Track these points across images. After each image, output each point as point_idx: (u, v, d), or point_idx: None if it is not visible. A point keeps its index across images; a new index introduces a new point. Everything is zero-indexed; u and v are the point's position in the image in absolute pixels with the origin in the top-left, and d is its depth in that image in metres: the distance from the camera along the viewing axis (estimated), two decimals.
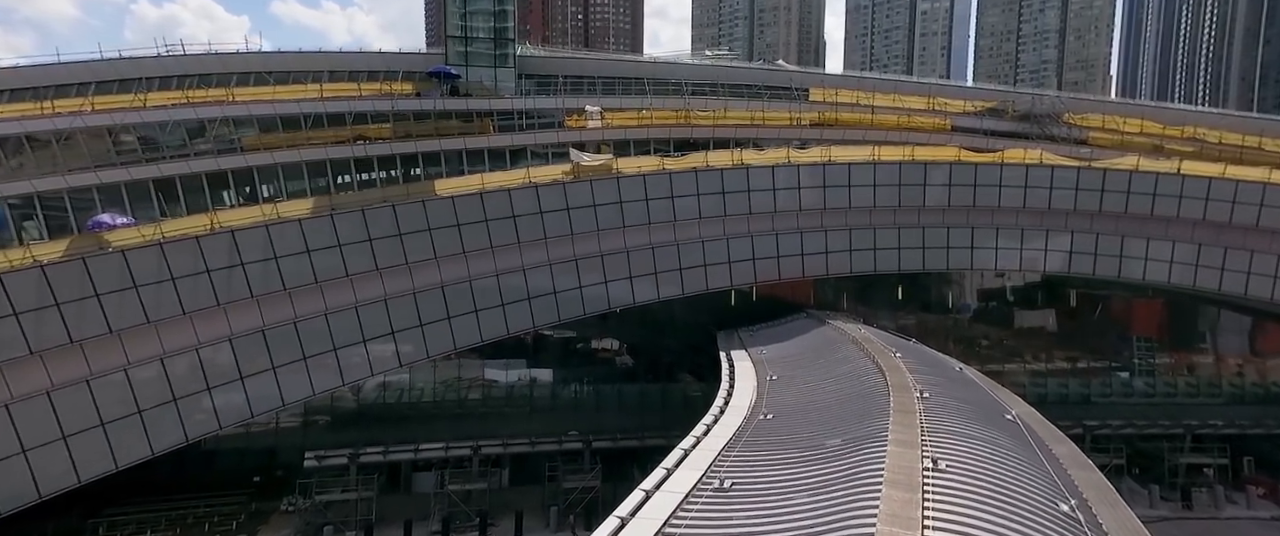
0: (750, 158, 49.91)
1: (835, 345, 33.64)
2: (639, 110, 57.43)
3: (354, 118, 51.44)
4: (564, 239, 45.93)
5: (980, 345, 58.89)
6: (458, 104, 55.16)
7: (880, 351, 28.80)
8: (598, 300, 47.15)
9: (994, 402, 24.43)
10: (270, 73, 53.02)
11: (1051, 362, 56.40)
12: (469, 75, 57.28)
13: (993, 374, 55.99)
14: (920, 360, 28.91)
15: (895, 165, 50.13)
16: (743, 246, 49.07)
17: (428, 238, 42.23)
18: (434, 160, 53.23)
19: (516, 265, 45.06)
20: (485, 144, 54.03)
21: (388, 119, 52.71)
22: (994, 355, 58.14)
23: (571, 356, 53.21)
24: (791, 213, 49.32)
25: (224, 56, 54.60)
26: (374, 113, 52.38)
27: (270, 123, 49.71)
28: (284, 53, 57.93)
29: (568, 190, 45.94)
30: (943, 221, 50.67)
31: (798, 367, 31.18)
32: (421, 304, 42.42)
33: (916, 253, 50.55)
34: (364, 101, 51.92)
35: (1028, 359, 57.24)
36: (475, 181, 44.81)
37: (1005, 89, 65.61)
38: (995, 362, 57.37)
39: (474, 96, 56.48)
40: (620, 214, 46.99)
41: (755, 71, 65.05)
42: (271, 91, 49.51)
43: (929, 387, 23.35)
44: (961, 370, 29.69)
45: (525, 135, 55.07)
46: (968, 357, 57.15)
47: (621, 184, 47.04)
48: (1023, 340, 58.34)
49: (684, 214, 48.03)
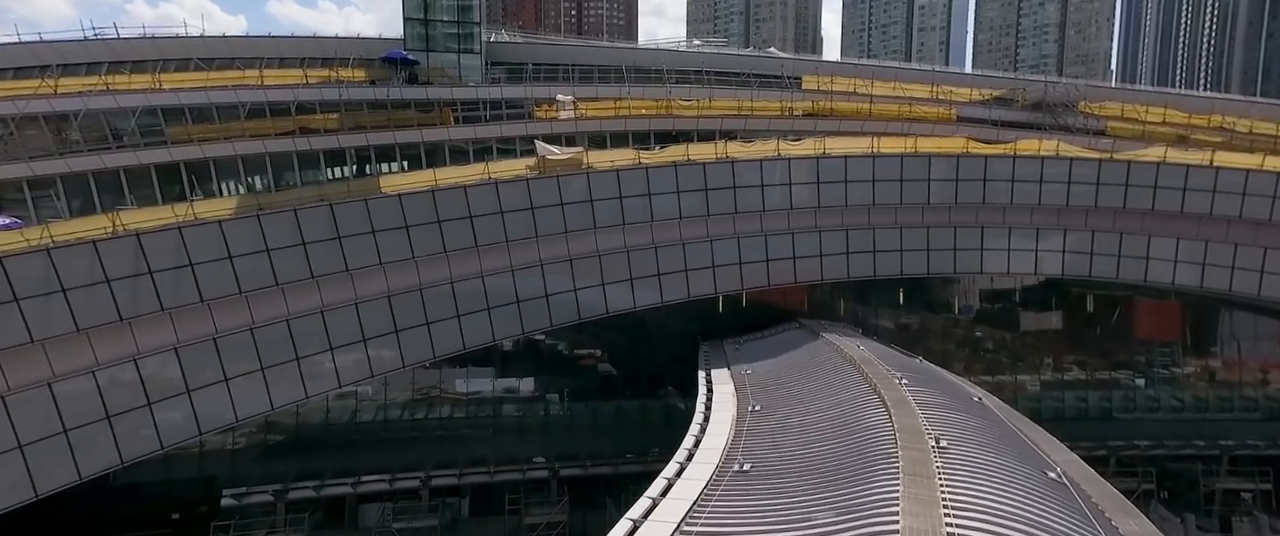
0: (736, 151, 45.12)
1: (830, 367, 28.88)
2: (616, 100, 52.59)
3: (299, 107, 46.51)
4: (528, 242, 41.13)
5: (987, 352, 54.11)
6: (416, 93, 50.24)
7: (883, 379, 24.05)
8: (567, 309, 42.33)
9: (1030, 451, 19.70)
10: (213, 59, 48.16)
11: (1067, 373, 51.58)
12: (429, 61, 52.38)
13: (1003, 386, 51.76)
14: (930, 387, 24.17)
15: (896, 158, 45.39)
16: (728, 249, 44.28)
17: (371, 242, 37.38)
18: (388, 154, 48.37)
19: (474, 271, 40.23)
20: (445, 137, 49.12)
21: (337, 109, 47.81)
22: (1003, 364, 53.36)
23: (540, 370, 48.34)
24: (782, 212, 44.56)
25: (159, 41, 49.80)
26: (322, 102, 47.44)
27: (204, 113, 44.77)
28: (228, 37, 53.25)
29: (532, 188, 41.12)
30: (949, 220, 45.90)
31: (785, 396, 26.43)
32: (365, 316, 37.54)
33: (920, 255, 45.78)
34: (310, 89, 47.00)
35: (1041, 368, 52.42)
36: (426, 178, 39.93)
37: (1015, 76, 60.74)
38: (1005, 372, 52.67)
39: (435, 84, 51.59)
40: (591, 214, 42.20)
41: (744, 58, 60.26)
42: (204, 77, 44.61)
43: (946, 431, 18.60)
44: (980, 400, 24.94)
45: (490, 127, 50.18)
46: (974, 367, 52.87)
47: (592, 180, 42.24)
48: (1034, 347, 53.52)
49: (662, 213, 43.25)
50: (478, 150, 50.26)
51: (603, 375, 50.48)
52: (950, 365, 52.34)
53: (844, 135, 48.95)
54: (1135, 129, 51.49)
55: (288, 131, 45.41)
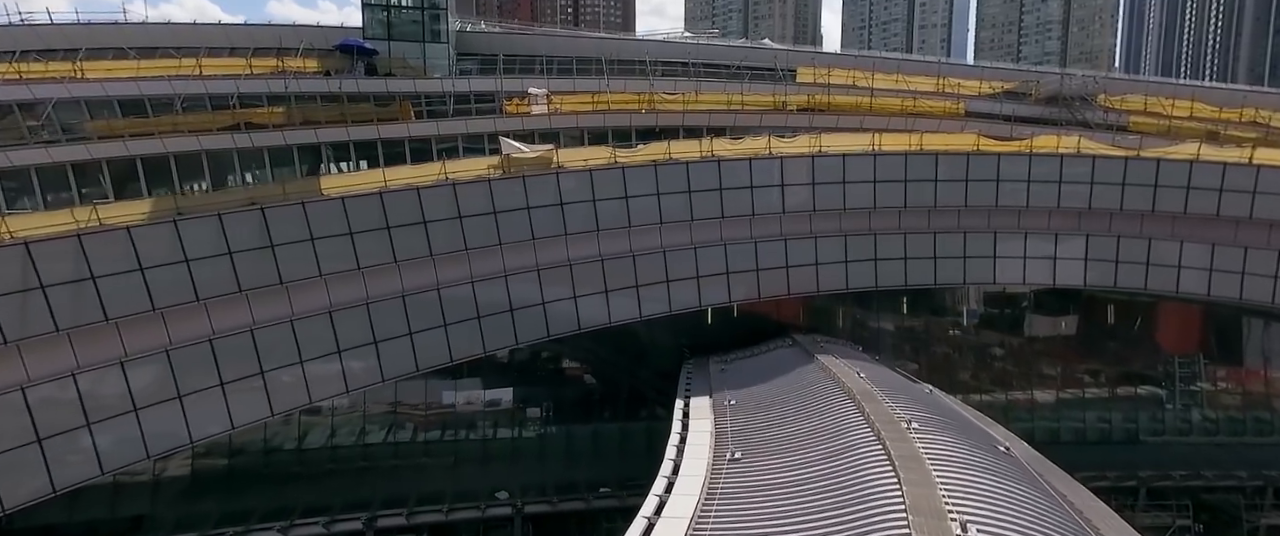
0: (723, 149, 40.83)
1: (826, 401, 24.61)
2: (594, 94, 48.35)
3: (242, 100, 42.31)
4: (490, 251, 36.85)
5: (998, 364, 49.61)
6: (375, 85, 46.06)
7: (888, 423, 19.78)
8: (534, 325, 38.05)
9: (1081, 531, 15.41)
10: (155, 48, 43.88)
11: (1087, 389, 47.19)
12: (391, 51, 48.21)
13: (1017, 404, 47.47)
14: (946, 435, 19.91)
15: (900, 156, 41.13)
16: (714, 258, 40.01)
17: (310, 250, 33.07)
18: (342, 152, 44.12)
19: (429, 283, 35.94)
20: (405, 133, 44.93)
21: (288, 102, 43.58)
22: (1016, 378, 48.83)
23: (506, 389, 44.00)
24: (773, 216, 40.29)
25: (94, 28, 45.51)
26: (269, 94, 43.23)
27: (135, 105, 40.55)
28: (173, 25, 49.11)
29: (495, 189, 36.85)
30: (958, 225, 41.62)
31: (771, 441, 22.17)
32: (303, 334, 33.23)
33: (926, 264, 41.51)
34: (255, 81, 42.81)
35: (1058, 383, 47.95)
36: (375, 178, 35.64)
37: (1026, 68, 56.48)
38: (1018, 387, 48.22)
39: (397, 76, 47.39)
40: (561, 218, 37.93)
41: (734, 49, 56.05)
42: (134, 66, 40.36)
43: (972, 507, 14.35)
44: (1009, 449, 20.64)
45: (455, 123, 45.98)
46: (984, 380, 48.53)
47: (562, 182, 37.98)
48: (1050, 359, 49.06)
49: (641, 218, 38.99)
50: (442, 148, 46.07)
51: (577, 393, 46.16)
52: (958, 378, 48.31)
53: (842, 132, 44.82)
54: (1160, 124, 47.26)
55: (229, 126, 41.17)
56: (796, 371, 31.33)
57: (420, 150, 45.33)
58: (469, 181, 36.71)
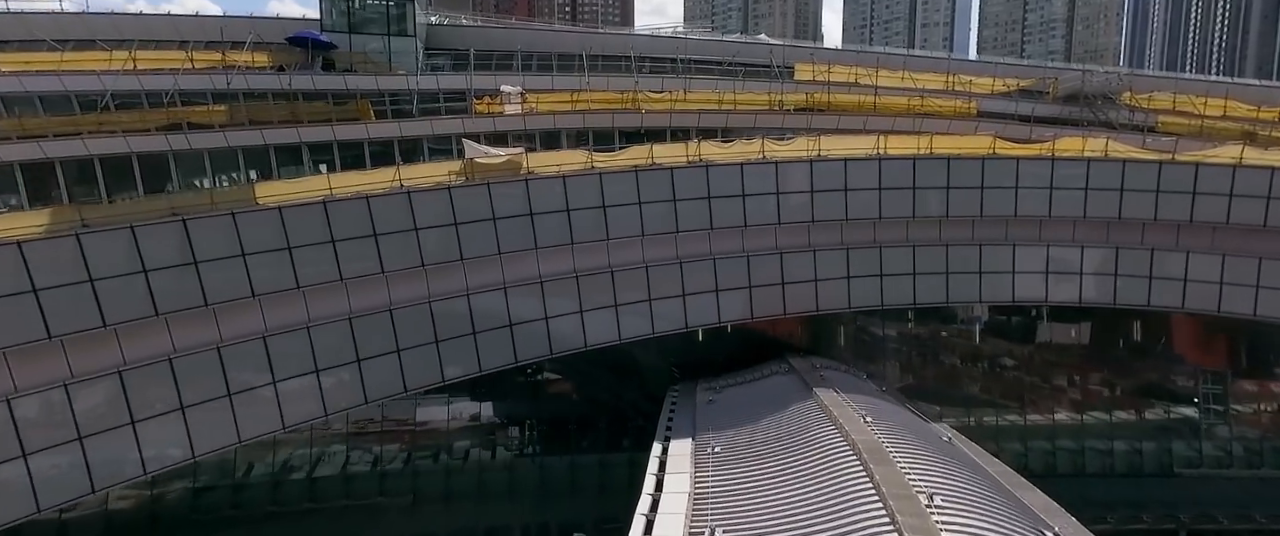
0: (712, 153, 36.88)
1: (827, 460, 20.61)
2: (573, 92, 44.35)
3: (183, 97, 38.32)
4: (451, 267, 32.91)
5: (1012, 381, 45.39)
6: (331, 82, 42.11)
7: (903, 500, 15.79)
8: (499, 350, 34.07)
9: None
10: (94, 40, 39.91)
11: (1113, 411, 43.08)
12: (352, 44, 44.24)
13: (1037, 429, 43.37)
14: (976, 518, 15.92)
15: (907, 161, 37.16)
16: (701, 274, 36.05)
17: (241, 267, 29.09)
18: (293, 155, 40.09)
19: (380, 303, 31.96)
20: (364, 134, 40.88)
21: (237, 99, 39.61)
22: (1034, 397, 44.61)
23: (474, 417, 40.09)
24: (767, 227, 36.34)
25: (27, 17, 41.55)
26: (214, 92, 39.25)
27: (60, 102, 36.59)
28: (115, 15, 44.94)
29: (455, 198, 32.88)
30: (972, 236, 37.63)
31: (759, 510, 18.15)
32: (231, 362, 29.21)
33: (937, 280, 37.51)
34: (197, 76, 38.82)
35: (1079, 403, 43.83)
36: (319, 185, 31.69)
37: (1042, 64, 52.35)
38: (1038, 409, 44.09)
39: (358, 72, 43.42)
40: (531, 230, 33.97)
41: (727, 44, 52.04)
42: (57, 59, 36.35)
43: None
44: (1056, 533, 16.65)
45: (419, 123, 41.98)
46: (999, 398, 44.46)
47: (532, 189, 34.02)
48: (1070, 375, 44.92)
49: (621, 229, 35.04)
50: (406, 150, 42.08)
51: (553, 421, 42.16)
52: (970, 398, 44.32)
53: (843, 134, 40.78)
54: (1191, 124, 43.25)
55: (167, 126, 37.18)
56: (793, 411, 27.28)
57: (381, 153, 41.32)
58: (426, 189, 32.74)
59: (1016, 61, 57.45)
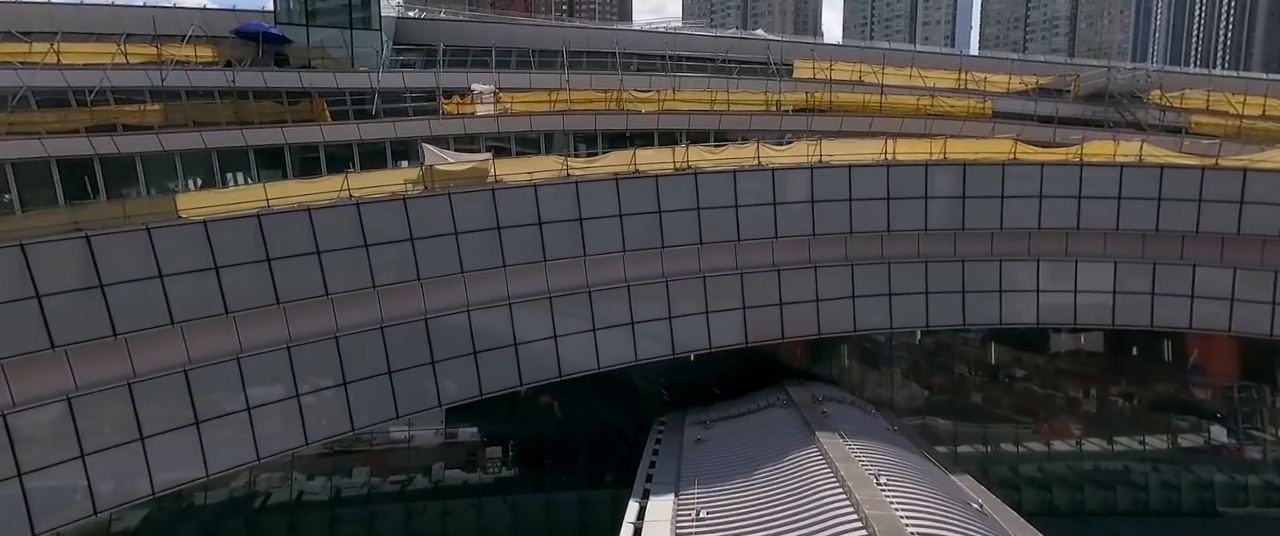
0: (702, 158, 33.14)
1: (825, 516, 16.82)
2: (551, 91, 40.56)
3: (116, 95, 34.55)
4: (407, 288, 29.21)
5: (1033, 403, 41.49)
6: (285, 79, 38.33)
7: None
8: (463, 382, 30.41)
9: None
10: (30, 32, 36.05)
11: (1147, 439, 39.29)
12: (310, 38, 40.45)
13: (1062, 457, 39.57)
14: None
15: (918, 168, 33.46)
16: (690, 294, 32.35)
17: (159, 290, 25.31)
18: (238, 160, 36.31)
19: (325, 329, 28.24)
20: (318, 137, 37.09)
21: (180, 96, 35.85)
22: (1061, 423, 40.65)
23: (440, 447, 36.38)
24: (763, 242, 32.63)
25: None
26: (153, 89, 35.45)
27: None
28: (51, 3, 40.92)
29: (412, 210, 29.15)
30: (992, 251, 33.90)
31: None
32: (143, 400, 25.44)
33: (952, 299, 33.76)
34: (132, 72, 34.99)
35: (1110, 428, 39.95)
36: (254, 195, 27.93)
37: (1062, 61, 48.62)
38: (1061, 434, 40.21)
39: (316, 68, 39.66)
40: (498, 246, 30.27)
41: (720, 40, 48.18)
42: None
43: None
44: None
45: (380, 125, 38.18)
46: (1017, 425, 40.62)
47: (500, 200, 30.29)
48: (1101, 400, 41.14)
49: (599, 244, 31.34)
50: (367, 155, 38.30)
51: (527, 450, 38.40)
52: (986, 422, 40.48)
53: (847, 137, 37.13)
54: (1227, 125, 39.47)
55: (95, 126, 33.39)
56: (792, 462, 23.48)
57: (339, 157, 37.58)
58: (377, 201, 29.00)
59: (1033, 57, 53.57)
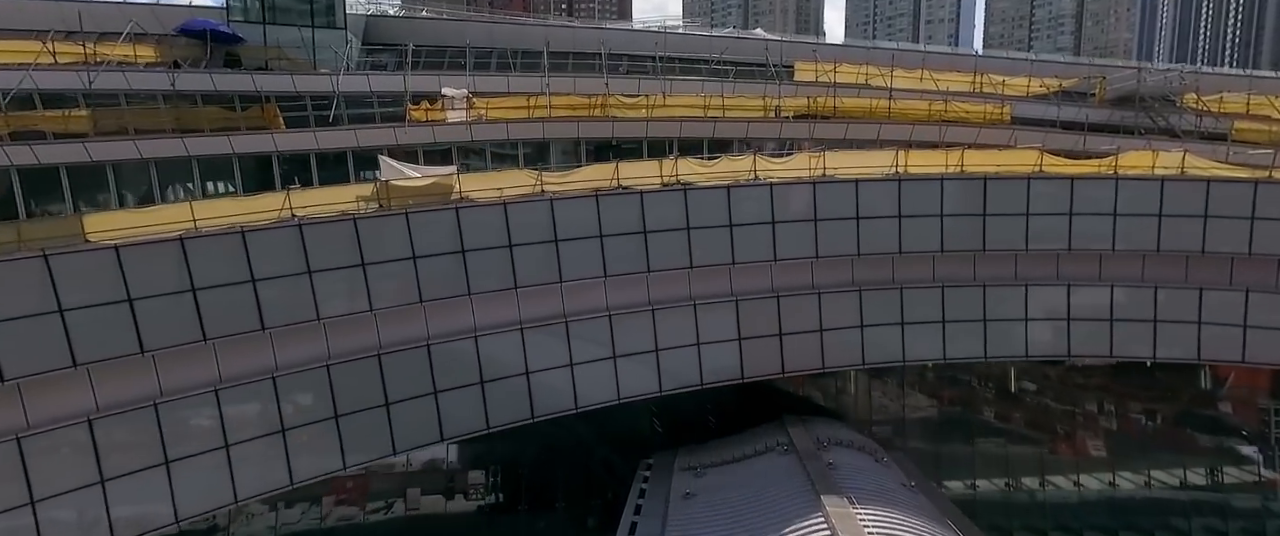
0: (693, 172, 29.67)
1: None
2: (531, 96, 37.16)
3: (44, 98, 31.18)
4: (358, 320, 25.76)
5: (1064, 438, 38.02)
6: (237, 82, 34.95)
7: None
8: (420, 428, 26.93)
9: None
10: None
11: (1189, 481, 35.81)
12: (268, 37, 37.03)
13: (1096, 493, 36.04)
14: None
15: (934, 182, 30.00)
16: (679, 323, 28.91)
17: (57, 327, 21.86)
18: (179, 172, 32.91)
19: (261, 367, 24.78)
20: (271, 146, 33.67)
21: (115, 101, 32.49)
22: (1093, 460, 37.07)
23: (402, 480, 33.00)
24: (761, 265, 29.21)
25: None
26: (88, 93, 32.06)
27: None
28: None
29: (363, 232, 25.69)
30: (1016, 275, 30.43)
31: None
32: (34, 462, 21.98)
33: (972, 329, 30.28)
34: (60, 72, 31.55)
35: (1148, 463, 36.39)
36: (179, 215, 24.44)
37: (1086, 60, 45.11)
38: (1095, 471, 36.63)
39: (273, 70, 36.26)
40: (462, 272, 26.83)
41: (715, 40, 44.78)
42: None
43: None
44: None
45: (340, 133, 34.84)
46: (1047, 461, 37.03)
47: (464, 220, 26.85)
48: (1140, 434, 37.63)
49: (577, 269, 27.92)
50: (327, 165, 34.93)
51: (504, 484, 35.01)
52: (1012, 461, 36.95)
53: (852, 149, 33.74)
54: (1271, 132, 35.95)
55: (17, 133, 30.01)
56: (795, 529, 20.04)
57: (296, 168, 34.21)
58: (322, 221, 25.52)
59: (1053, 57, 49.94)
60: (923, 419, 35.44)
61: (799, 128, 37.53)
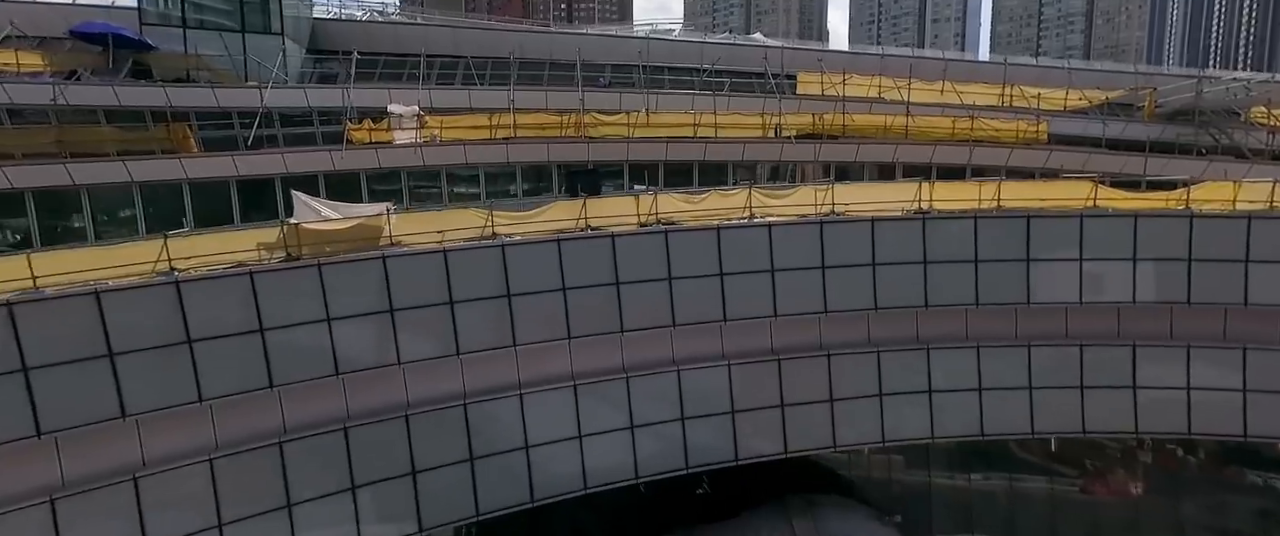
0: (676, 210, 24.49)
1: None
2: (492, 114, 31.99)
3: None
4: (254, 401, 20.64)
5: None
6: (144, 96, 29.78)
7: None
8: (333, 524, 21.68)
9: None
10: None
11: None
12: (190, 43, 31.95)
13: None
14: None
15: (965, 220, 24.76)
16: (659, 393, 23.80)
17: None
18: (67, 203, 27.72)
19: (125, 464, 19.63)
20: (178, 173, 28.49)
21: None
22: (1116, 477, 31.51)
23: None
24: (759, 323, 24.08)
25: None
26: None
27: None
28: None
29: (260, 289, 20.55)
30: (1066, 332, 25.19)
31: None
32: None
33: (1016, 398, 25.03)
34: None
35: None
36: (14, 269, 19.27)
37: (1131, 69, 39.73)
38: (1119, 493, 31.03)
39: (195, 82, 31.18)
40: (391, 338, 21.70)
41: (709, 47, 39.49)
42: None
43: None
44: None
45: (265, 158, 29.62)
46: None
47: (393, 272, 21.71)
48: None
49: (535, 330, 22.85)
50: (248, 194, 29.75)
51: None
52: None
53: (864, 170, 28.49)
54: None
55: None
56: None
57: (213, 202, 29.04)
58: (205, 278, 20.37)
59: (1092, 66, 44.19)
60: (958, 503, 29.92)
61: (803, 149, 32.36)
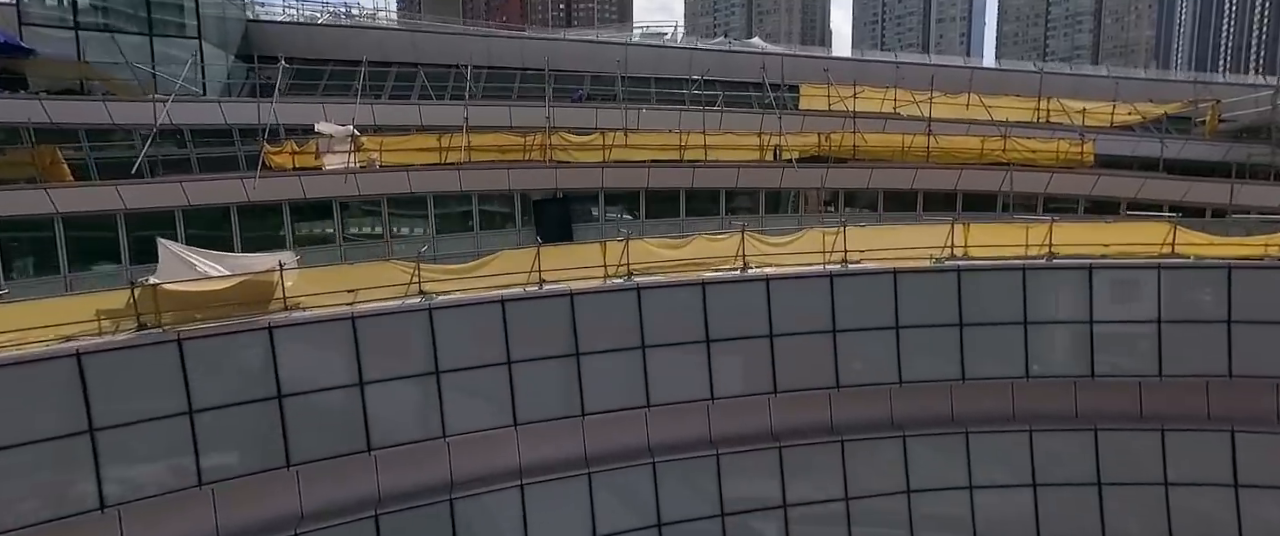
0: (651, 259, 19.57)
1: None
2: (442, 135, 27.07)
3: None
4: (93, 524, 15.71)
5: None
6: (19, 109, 24.82)
7: None
8: None
9: None
10: None
11: None
12: (86, 49, 27.11)
13: None
14: None
15: (1012, 272, 19.82)
16: (631, 490, 18.97)
17: None
18: None
19: None
20: (48, 206, 23.53)
21: None
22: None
23: None
24: (755, 400, 19.13)
25: None
26: None
27: None
28: None
29: (92, 375, 15.74)
30: (1141, 412, 20.25)
31: None
32: None
33: (1084, 496, 20.10)
34: None
35: None
36: None
37: (1188, 78, 34.73)
38: None
39: (82, 96, 26.32)
40: (279, 433, 16.87)
41: (701, 54, 34.40)
42: None
43: None
44: None
45: (161, 188, 24.66)
46: None
47: (283, 350, 16.82)
48: None
49: (469, 418, 18.04)
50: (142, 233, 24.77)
51: None
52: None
53: (878, 212, 23.57)
54: None
55: None
56: None
57: (98, 240, 24.15)
58: (30, 360, 15.49)
59: (1131, 74, 38.54)
60: None
61: (807, 174, 27.40)
